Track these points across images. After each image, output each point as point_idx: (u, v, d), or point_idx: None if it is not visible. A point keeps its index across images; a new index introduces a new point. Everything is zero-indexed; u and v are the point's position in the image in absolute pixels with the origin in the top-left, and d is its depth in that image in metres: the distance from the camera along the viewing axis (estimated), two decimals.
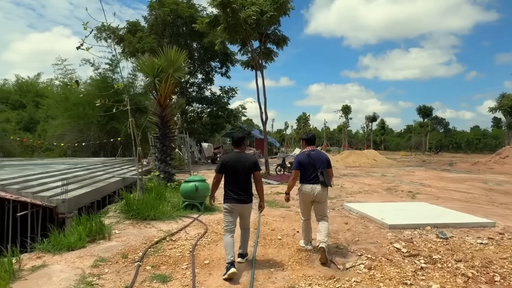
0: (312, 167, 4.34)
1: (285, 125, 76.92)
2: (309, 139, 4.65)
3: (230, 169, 3.97)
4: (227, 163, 3.99)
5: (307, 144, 4.61)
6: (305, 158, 4.42)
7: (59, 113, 30.29)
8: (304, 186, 4.38)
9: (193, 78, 27.31)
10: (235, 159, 3.99)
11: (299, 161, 4.45)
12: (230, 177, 3.99)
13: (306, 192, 4.37)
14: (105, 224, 5.41)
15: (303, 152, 4.55)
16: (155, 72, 10.69)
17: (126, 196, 6.21)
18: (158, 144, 11.22)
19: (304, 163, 4.40)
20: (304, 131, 64.53)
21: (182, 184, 7.17)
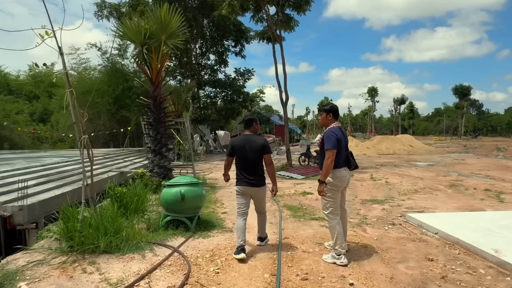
0: (344, 147, 3.61)
1: (306, 110, 73.50)
2: (336, 111, 3.72)
3: (238, 152, 3.93)
4: (235, 146, 3.95)
5: (334, 118, 3.69)
6: (340, 133, 3.54)
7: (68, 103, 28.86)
8: (340, 171, 3.55)
9: (204, 59, 24.83)
10: (243, 142, 3.94)
11: (337, 138, 3.47)
12: (239, 160, 3.95)
13: (344, 179, 3.59)
14: (10, 271, 3.12)
15: (334, 127, 3.58)
16: (143, 39, 8.27)
17: (68, 214, 3.88)
18: (151, 132, 8.90)
19: (342, 141, 3.52)
20: None
21: (163, 190, 4.78)
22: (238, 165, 3.96)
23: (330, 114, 3.66)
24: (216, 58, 24.73)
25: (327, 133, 3.53)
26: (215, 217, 5.47)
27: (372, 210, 5.99)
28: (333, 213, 3.56)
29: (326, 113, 3.68)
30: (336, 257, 3.47)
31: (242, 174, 3.92)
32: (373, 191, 7.87)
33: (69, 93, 3.89)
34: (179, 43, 8.96)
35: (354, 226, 4.97)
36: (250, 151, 3.87)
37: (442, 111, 74.07)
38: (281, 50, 13.04)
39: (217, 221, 5.24)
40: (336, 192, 3.57)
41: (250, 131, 4.03)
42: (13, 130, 27.27)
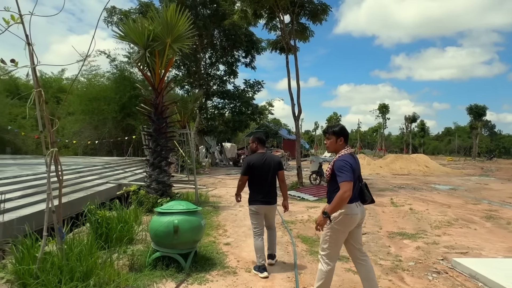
0: (357, 178, 2.84)
1: (315, 125, 72.33)
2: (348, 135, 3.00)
3: (256, 171, 3.88)
4: (253, 165, 3.88)
5: (345, 142, 2.95)
6: (354, 162, 2.80)
7: (75, 108, 28.61)
8: (351, 208, 2.76)
9: (214, 69, 24.26)
10: (260, 160, 3.90)
11: (352, 167, 2.72)
12: (256, 178, 3.89)
13: (354, 217, 2.80)
14: None
15: (346, 154, 2.83)
16: (146, 42, 7.54)
17: (23, 249, 2.99)
18: (151, 143, 8.07)
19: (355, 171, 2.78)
20: None
21: (152, 218, 3.87)
22: (255, 184, 3.91)
23: (341, 138, 2.93)
24: (226, 69, 24.17)
25: (338, 162, 2.78)
26: (216, 251, 4.53)
27: (405, 248, 4.99)
28: (329, 257, 2.86)
29: (336, 137, 2.94)
30: None
31: (259, 193, 3.89)
32: (399, 221, 6.85)
33: (37, 94, 3.05)
34: (186, 47, 8.22)
35: (388, 272, 3.98)
36: (268, 169, 3.92)
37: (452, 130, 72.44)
38: (295, 61, 12.28)
39: (218, 256, 4.30)
40: (339, 233, 2.81)
41: (263, 149, 4.06)
42: (17, 135, 26.86)
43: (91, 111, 26.70)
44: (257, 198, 3.87)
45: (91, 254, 3.30)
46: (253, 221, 3.95)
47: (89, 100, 26.36)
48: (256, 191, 3.90)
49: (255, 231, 3.91)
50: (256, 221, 3.93)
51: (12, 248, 3.00)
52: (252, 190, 3.93)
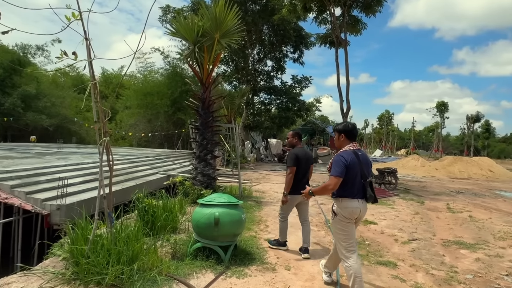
0: (360, 175, 2.94)
1: (364, 123, 69.42)
2: (349, 132, 3.10)
3: (301, 163, 4.24)
4: (300, 157, 4.24)
5: (348, 139, 3.09)
6: (353, 159, 2.92)
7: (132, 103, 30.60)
8: (351, 202, 2.93)
9: (261, 65, 24.31)
10: (303, 153, 4.33)
11: (347, 165, 2.88)
12: (299, 170, 4.22)
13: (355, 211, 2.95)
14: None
15: (347, 150, 3.00)
16: (196, 37, 7.73)
17: (77, 231, 3.22)
18: (198, 137, 8.30)
19: (353, 168, 2.91)
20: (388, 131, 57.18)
21: (195, 209, 3.94)
22: (298, 175, 4.23)
23: (342, 134, 3.14)
24: (274, 64, 24.07)
25: (336, 157, 3.00)
26: (256, 246, 4.51)
27: (462, 259, 4.54)
28: (347, 249, 2.96)
29: (338, 134, 3.19)
30: None
31: (299, 184, 4.16)
32: (456, 229, 6.27)
33: (92, 86, 3.24)
34: (234, 42, 8.27)
35: (441, 284, 3.64)
36: (307, 162, 4.35)
37: None
38: (345, 55, 11.80)
39: (258, 252, 4.27)
40: (347, 224, 2.99)
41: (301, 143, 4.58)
42: (81, 126, 29.47)
43: (146, 105, 28.37)
44: (296, 188, 4.16)
45: (137, 239, 3.45)
46: (284, 208, 4.38)
47: (144, 95, 28.02)
48: (296, 182, 4.21)
49: (283, 217, 4.44)
50: (287, 209, 4.40)
51: (68, 229, 3.23)
52: (296, 181, 4.22)
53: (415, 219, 6.91)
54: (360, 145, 42.98)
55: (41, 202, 6.61)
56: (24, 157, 11.48)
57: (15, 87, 23.69)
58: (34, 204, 6.61)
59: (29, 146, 19.58)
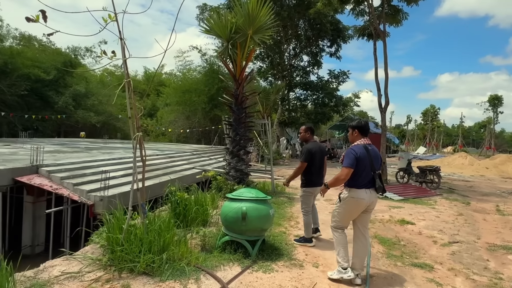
0: (370, 167, 3.28)
1: (407, 118, 66.03)
2: (362, 128, 3.46)
3: (314, 157, 4.43)
4: (314, 152, 4.43)
5: (361, 134, 3.44)
6: (364, 152, 3.27)
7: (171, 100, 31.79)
8: (358, 192, 3.25)
9: (297, 60, 24.02)
10: (317, 148, 4.53)
11: (357, 157, 3.22)
12: (314, 164, 4.44)
13: (361, 202, 3.27)
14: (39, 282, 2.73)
15: (358, 145, 3.36)
16: (229, 34, 7.82)
17: (113, 221, 3.42)
18: (231, 133, 8.42)
19: (363, 160, 3.24)
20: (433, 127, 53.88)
21: (224, 203, 4.01)
22: (313, 168, 4.46)
23: (355, 130, 3.48)
24: (310, 59, 23.68)
25: (348, 150, 3.39)
26: (285, 241, 4.49)
27: (509, 265, 4.18)
28: (338, 227, 3.46)
29: (352, 129, 3.54)
30: (343, 272, 3.31)
31: (315, 176, 4.50)
32: (504, 233, 5.79)
33: (127, 84, 3.41)
34: (267, 38, 8.25)
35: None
36: (321, 155, 4.59)
37: None
38: (384, 48, 11.28)
39: (287, 247, 4.25)
40: (346, 212, 3.37)
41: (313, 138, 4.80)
42: (126, 122, 31.14)
43: (184, 102, 29.32)
44: (314, 181, 4.46)
45: (168, 230, 3.60)
46: (307, 201, 4.56)
47: (182, 92, 28.96)
48: (314, 175, 4.46)
49: (307, 210, 4.54)
50: (309, 201, 4.58)
51: (105, 219, 3.44)
52: (311, 175, 4.45)
53: (458, 221, 6.48)
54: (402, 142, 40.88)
55: (87, 193, 7.12)
56: (74, 151, 12.41)
57: (67, 87, 25.57)
58: (80, 195, 7.14)
59: (79, 141, 21.11)
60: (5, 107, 20.72)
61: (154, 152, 14.50)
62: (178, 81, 32.69)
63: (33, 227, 7.89)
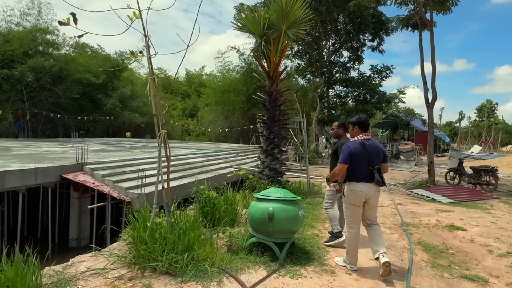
0: (367, 162, 3.43)
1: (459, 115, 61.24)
2: (362, 123, 3.61)
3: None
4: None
5: (360, 130, 3.58)
6: (358, 148, 3.43)
7: (210, 100, 32.46)
8: (355, 185, 3.45)
9: (337, 56, 23.24)
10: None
11: (351, 153, 3.41)
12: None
13: (359, 194, 3.43)
14: (66, 278, 2.77)
15: (355, 140, 3.52)
16: (262, 30, 7.66)
17: (139, 219, 3.41)
18: (265, 131, 8.26)
19: (358, 155, 3.41)
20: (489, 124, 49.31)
21: (252, 203, 3.86)
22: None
23: (356, 126, 3.62)
24: (350, 55, 22.78)
25: (343, 146, 3.54)
26: (317, 245, 4.23)
27: None
28: (349, 225, 3.58)
29: (352, 126, 3.69)
30: (347, 262, 3.57)
31: None
32: None
33: (151, 81, 3.38)
34: (301, 32, 7.97)
35: None
36: None
37: None
38: (431, 38, 10.42)
39: (319, 252, 3.99)
40: (352, 207, 3.51)
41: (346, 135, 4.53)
42: (167, 123, 32.33)
43: (223, 102, 29.76)
44: None
45: (194, 229, 3.53)
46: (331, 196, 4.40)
47: (221, 92, 29.41)
48: None
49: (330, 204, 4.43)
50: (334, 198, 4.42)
51: (130, 216, 3.44)
52: None
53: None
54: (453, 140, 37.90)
55: (125, 190, 7.37)
56: (118, 150, 13.05)
57: (115, 90, 27.12)
58: (119, 192, 7.41)
59: (124, 140, 22.29)
60: (61, 109, 22.45)
61: (192, 151, 14.81)
62: (217, 82, 33.30)
63: (79, 221, 8.36)
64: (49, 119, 21.79)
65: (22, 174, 6.83)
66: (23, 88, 19.94)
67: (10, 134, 19.62)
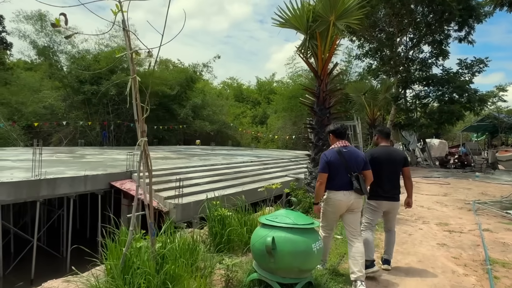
0: (345, 170, 3.34)
1: None
2: (335, 131, 3.55)
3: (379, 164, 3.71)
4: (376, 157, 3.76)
5: (336, 138, 3.54)
6: (335, 156, 3.38)
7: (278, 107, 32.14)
8: (334, 194, 3.36)
9: (415, 52, 20.61)
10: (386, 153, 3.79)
11: (327, 161, 3.37)
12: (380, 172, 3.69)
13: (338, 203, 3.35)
14: None
15: (331, 149, 3.51)
16: (307, 24, 6.81)
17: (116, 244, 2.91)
18: (313, 137, 7.32)
19: (334, 163, 3.35)
20: None
21: (255, 230, 3.08)
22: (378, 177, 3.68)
23: (330, 134, 3.60)
24: (432, 49, 19.95)
25: (321, 155, 3.51)
26: (344, 281, 3.24)
27: None
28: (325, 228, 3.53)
29: (328, 134, 3.67)
30: None
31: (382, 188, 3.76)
32: None
33: (132, 81, 2.91)
34: (354, 22, 6.87)
35: None
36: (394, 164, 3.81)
37: None
38: None
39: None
40: (327, 212, 3.45)
41: (387, 142, 3.94)
42: (236, 130, 33.01)
43: (290, 108, 29.11)
44: (380, 193, 3.71)
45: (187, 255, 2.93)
46: (368, 216, 3.80)
47: (289, 98, 28.83)
48: (380, 185, 3.69)
49: (367, 225, 3.77)
50: (372, 217, 3.79)
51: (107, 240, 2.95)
52: (376, 185, 3.67)
53: None
54: None
55: (164, 200, 7.21)
56: (177, 158, 13.35)
57: (187, 100, 28.68)
58: (159, 201, 7.28)
59: (192, 148, 23.19)
60: None
61: (250, 158, 14.41)
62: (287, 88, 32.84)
63: None
64: (130, 129, 23.93)
65: (72, 181, 7.16)
66: (107, 101, 22.30)
67: (97, 142, 22.05)
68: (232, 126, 32.42)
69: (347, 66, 29.52)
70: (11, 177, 6.50)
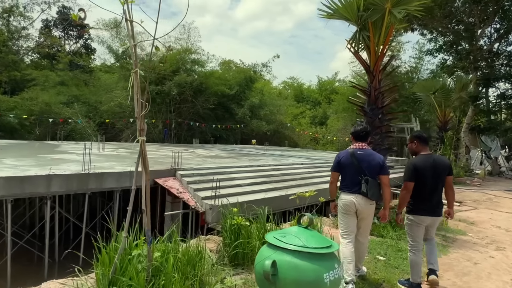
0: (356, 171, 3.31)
1: None
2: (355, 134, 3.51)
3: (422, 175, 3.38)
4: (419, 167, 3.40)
5: (354, 140, 3.54)
6: (347, 157, 3.41)
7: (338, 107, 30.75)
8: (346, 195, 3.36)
9: (502, 44, 17.80)
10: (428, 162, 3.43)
11: (339, 161, 3.45)
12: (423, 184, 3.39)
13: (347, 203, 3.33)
14: None
15: (345, 150, 3.53)
16: (357, 13, 6.07)
17: (109, 251, 2.70)
18: None
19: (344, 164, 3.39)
20: None
21: (261, 248, 2.63)
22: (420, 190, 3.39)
23: (351, 136, 3.64)
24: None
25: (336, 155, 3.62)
26: None
27: None
28: (342, 236, 3.41)
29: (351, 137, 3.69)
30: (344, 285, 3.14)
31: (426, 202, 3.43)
32: None
33: (134, 75, 2.69)
34: (416, 9, 5.92)
35: None
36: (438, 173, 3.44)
37: None
38: None
39: None
40: (344, 215, 3.39)
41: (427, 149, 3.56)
42: (293, 130, 32.39)
43: (351, 109, 27.56)
44: (422, 207, 3.41)
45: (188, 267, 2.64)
46: (411, 233, 3.50)
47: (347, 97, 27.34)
48: (421, 199, 3.40)
49: (413, 246, 3.46)
50: (417, 234, 3.46)
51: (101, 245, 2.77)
52: (417, 198, 3.41)
53: None
54: None
55: (201, 200, 7.10)
56: (228, 157, 13.34)
57: (246, 100, 28.94)
58: (197, 201, 7.19)
59: (247, 147, 23.25)
60: (199, 118, 25.42)
61: (302, 160, 13.79)
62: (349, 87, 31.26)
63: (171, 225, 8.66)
64: (190, 127, 24.96)
65: (119, 176, 7.45)
66: (170, 100, 23.52)
67: (160, 139, 23.39)
68: (289, 126, 31.89)
69: (417, 63, 26.95)
70: (66, 170, 6.98)
